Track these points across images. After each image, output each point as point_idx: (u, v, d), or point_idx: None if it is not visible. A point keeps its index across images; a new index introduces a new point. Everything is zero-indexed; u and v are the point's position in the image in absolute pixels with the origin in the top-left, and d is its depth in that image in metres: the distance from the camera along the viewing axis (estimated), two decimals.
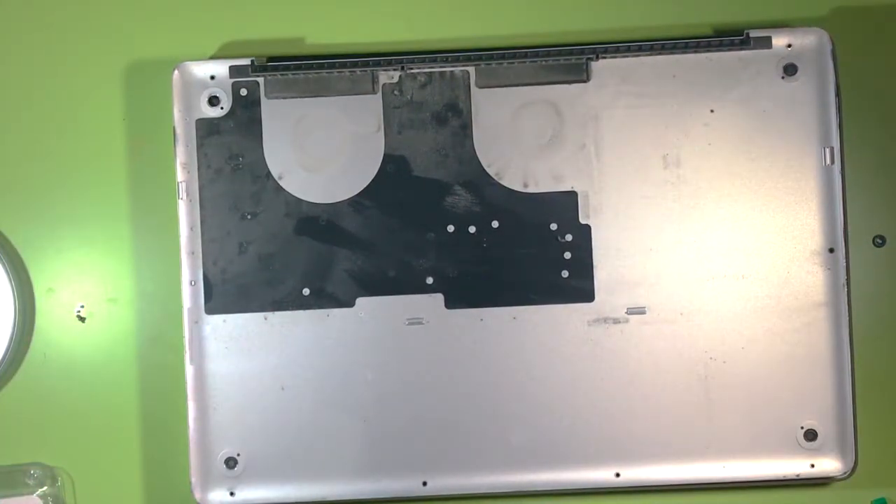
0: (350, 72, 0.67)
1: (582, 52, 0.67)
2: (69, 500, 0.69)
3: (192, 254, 0.67)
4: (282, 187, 0.67)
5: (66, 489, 0.69)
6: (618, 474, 0.66)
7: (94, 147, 0.70)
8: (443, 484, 0.67)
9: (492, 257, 0.67)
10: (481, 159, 0.67)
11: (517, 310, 0.67)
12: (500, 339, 0.67)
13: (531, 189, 0.67)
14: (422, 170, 0.67)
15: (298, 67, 0.67)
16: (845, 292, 0.66)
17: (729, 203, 0.66)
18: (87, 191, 0.70)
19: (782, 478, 0.66)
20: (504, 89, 0.67)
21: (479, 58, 0.67)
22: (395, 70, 0.67)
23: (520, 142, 0.67)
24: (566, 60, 0.67)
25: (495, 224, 0.67)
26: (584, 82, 0.67)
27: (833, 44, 0.66)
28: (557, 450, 0.66)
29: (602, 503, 0.69)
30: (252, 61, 0.67)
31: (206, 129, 0.67)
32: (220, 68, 0.67)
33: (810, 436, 0.66)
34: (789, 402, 0.66)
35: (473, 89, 0.67)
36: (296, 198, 0.67)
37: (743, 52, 0.66)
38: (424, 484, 0.67)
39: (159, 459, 0.69)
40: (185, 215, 0.67)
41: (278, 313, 0.67)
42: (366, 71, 0.67)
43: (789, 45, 0.66)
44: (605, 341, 0.66)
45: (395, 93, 0.67)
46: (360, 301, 0.67)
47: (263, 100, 0.67)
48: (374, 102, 0.67)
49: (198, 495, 0.67)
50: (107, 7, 0.70)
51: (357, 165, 0.67)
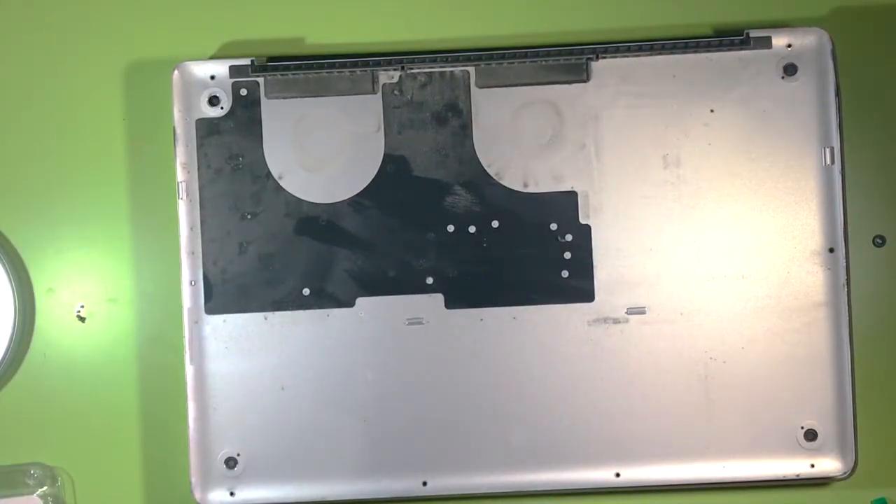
0: (350, 72, 0.67)
1: (582, 52, 0.67)
2: (69, 500, 0.69)
3: (192, 254, 0.67)
4: (282, 187, 0.67)
5: (66, 489, 0.69)
6: (618, 474, 0.66)
7: (94, 147, 0.70)
8: (443, 484, 0.67)
9: (492, 257, 0.67)
10: (481, 159, 0.67)
11: (517, 310, 0.67)
12: (500, 339, 0.67)
13: (531, 189, 0.67)
14: (422, 170, 0.67)
15: (298, 67, 0.67)
16: (845, 292, 0.66)
17: (729, 203, 0.66)
18: (87, 191, 0.70)
19: (782, 478, 0.66)
20: (504, 89, 0.67)
21: (479, 58, 0.67)
22: (395, 70, 0.67)
23: (520, 142, 0.67)
24: (566, 60, 0.67)
25: (495, 224, 0.67)
26: (584, 82, 0.67)
27: (833, 44, 0.66)
28: (557, 450, 0.66)
29: (602, 503, 0.69)
30: (252, 61, 0.67)
31: (206, 129, 0.67)
32: (220, 68, 0.67)
33: (810, 436, 0.66)
34: (789, 402, 0.66)
35: (473, 89, 0.67)
36: (296, 198, 0.67)
37: (743, 52, 0.66)
38: (424, 484, 0.66)
39: (159, 459, 0.69)
40: (185, 215, 0.67)
41: (278, 313, 0.67)
42: (366, 71, 0.67)
43: (789, 45, 0.66)
44: (605, 341, 0.66)
45: (395, 93, 0.67)
46: (360, 301, 0.67)
47: (263, 100, 0.67)
48: (374, 102, 0.67)
49: (198, 495, 0.67)
50: (107, 7, 0.70)
51: (357, 165, 0.67)
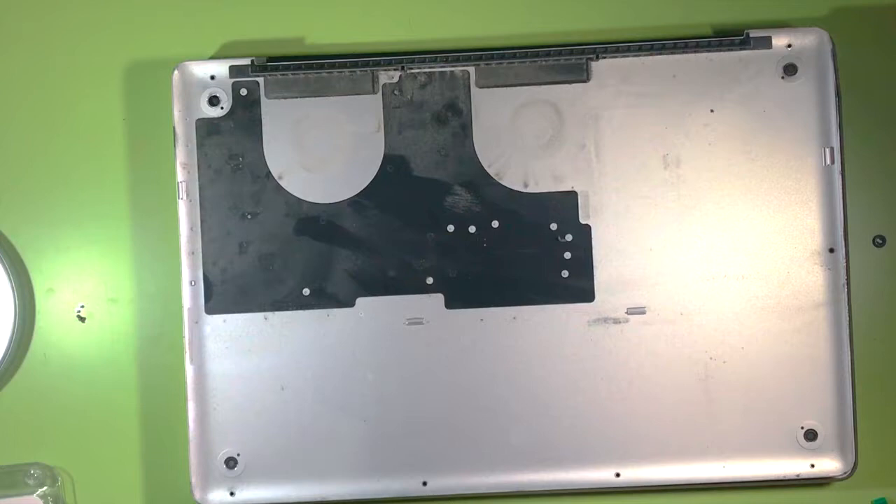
0: (350, 72, 0.67)
1: (582, 52, 0.67)
2: (69, 500, 0.69)
3: (192, 254, 0.67)
4: (282, 187, 0.67)
5: (66, 489, 0.69)
6: (618, 474, 0.66)
7: (94, 147, 0.70)
8: (443, 484, 0.66)
9: (492, 257, 0.67)
10: (481, 159, 0.67)
11: (517, 310, 0.67)
12: (500, 339, 0.67)
13: (531, 189, 0.67)
14: (422, 170, 0.67)
15: (298, 67, 0.67)
16: (845, 292, 0.66)
17: (729, 203, 0.66)
18: (87, 191, 0.70)
19: (782, 478, 0.66)
20: (504, 89, 0.67)
21: (479, 58, 0.67)
22: (395, 70, 0.67)
23: (520, 142, 0.67)
24: (566, 60, 0.67)
25: (495, 224, 0.67)
26: (584, 82, 0.67)
27: (833, 44, 0.66)
28: (557, 450, 0.66)
29: (602, 503, 0.69)
30: (252, 61, 0.67)
31: (206, 129, 0.67)
32: (220, 68, 0.67)
33: (810, 436, 0.66)
34: (789, 402, 0.66)
35: (473, 89, 0.67)
36: (296, 198, 0.67)
37: (743, 52, 0.66)
38: (424, 484, 0.66)
39: (159, 459, 0.69)
40: (185, 215, 0.67)
41: (278, 313, 0.67)
42: (366, 71, 0.67)
43: (789, 45, 0.66)
44: (605, 341, 0.66)
45: (395, 93, 0.67)
46: (360, 301, 0.67)
47: (263, 100, 0.67)
48: (374, 102, 0.67)
49: (198, 495, 0.67)
50: (107, 7, 0.70)
51: (357, 165, 0.67)
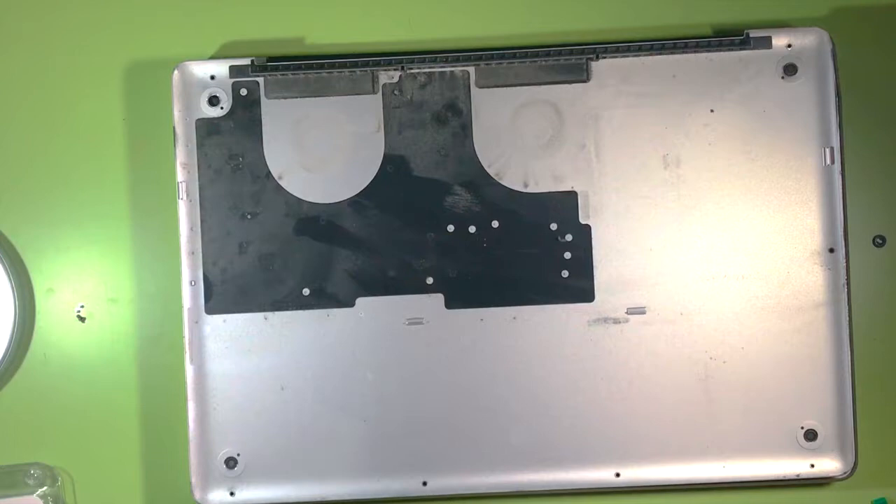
0: (350, 72, 0.67)
1: (582, 52, 0.67)
2: (69, 500, 0.69)
3: (192, 254, 0.67)
4: (282, 187, 0.67)
5: (66, 489, 0.69)
6: (618, 474, 0.66)
7: (94, 147, 0.70)
8: (443, 484, 0.66)
9: (492, 257, 0.67)
10: (481, 159, 0.67)
11: (517, 310, 0.67)
12: (500, 339, 0.67)
13: (531, 189, 0.67)
14: (422, 170, 0.67)
15: (298, 67, 0.67)
16: (845, 292, 0.66)
17: (729, 203, 0.66)
18: (87, 191, 0.70)
19: (782, 478, 0.66)
20: (504, 89, 0.67)
21: (479, 58, 0.67)
22: (395, 70, 0.67)
23: (520, 142, 0.67)
24: (566, 60, 0.67)
25: (495, 224, 0.67)
26: (584, 82, 0.67)
27: (833, 44, 0.66)
28: (557, 450, 0.66)
29: (602, 503, 0.69)
30: (252, 61, 0.67)
31: (206, 129, 0.67)
32: (220, 68, 0.67)
33: (810, 436, 0.66)
34: (789, 402, 0.66)
35: (473, 89, 0.67)
36: (296, 198, 0.67)
37: (743, 52, 0.66)
38: (424, 484, 0.66)
39: (159, 459, 0.69)
40: (185, 215, 0.67)
41: (278, 313, 0.67)
42: (366, 71, 0.67)
43: (789, 45, 0.66)
44: (605, 341, 0.66)
45: (395, 93, 0.67)
46: (360, 301, 0.67)
47: (263, 100, 0.67)
48: (374, 102, 0.67)
49: (198, 495, 0.67)
50: (107, 7, 0.70)
51: (357, 165, 0.67)
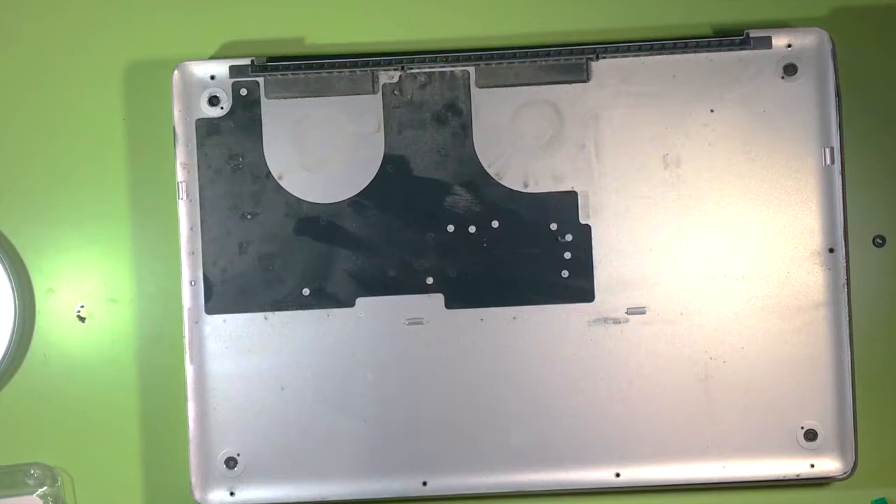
0: (350, 72, 0.67)
1: (582, 52, 0.67)
2: (69, 500, 0.69)
3: (192, 254, 0.67)
4: (282, 187, 0.67)
5: (66, 489, 0.69)
6: (618, 474, 0.66)
7: (94, 147, 0.70)
8: (443, 484, 0.66)
9: (492, 257, 0.67)
10: (481, 159, 0.67)
11: (517, 310, 0.67)
12: (500, 339, 0.67)
13: (531, 189, 0.67)
14: (422, 170, 0.67)
15: (298, 67, 0.67)
16: (845, 292, 0.66)
17: (729, 203, 0.66)
18: (87, 191, 0.70)
19: (782, 478, 0.66)
20: (504, 89, 0.67)
21: (479, 58, 0.67)
22: (395, 70, 0.67)
23: (520, 142, 0.67)
24: (566, 60, 0.67)
25: (495, 224, 0.67)
26: (584, 82, 0.67)
27: (833, 44, 0.66)
28: (557, 450, 0.66)
29: (602, 503, 0.69)
30: (252, 61, 0.67)
31: (206, 129, 0.67)
32: (220, 68, 0.67)
33: (810, 436, 0.66)
34: (789, 402, 0.66)
35: (473, 89, 0.67)
36: (296, 198, 0.67)
37: (743, 52, 0.66)
38: (424, 484, 0.66)
39: (159, 459, 0.69)
40: (185, 215, 0.67)
41: (278, 313, 0.67)
42: (366, 71, 0.67)
43: (789, 45, 0.66)
44: (605, 341, 0.66)
45: (395, 93, 0.67)
46: (360, 301, 0.67)
47: (263, 100, 0.67)
48: (374, 102, 0.67)
49: (198, 495, 0.67)
50: (107, 7, 0.70)
51: (357, 165, 0.67)
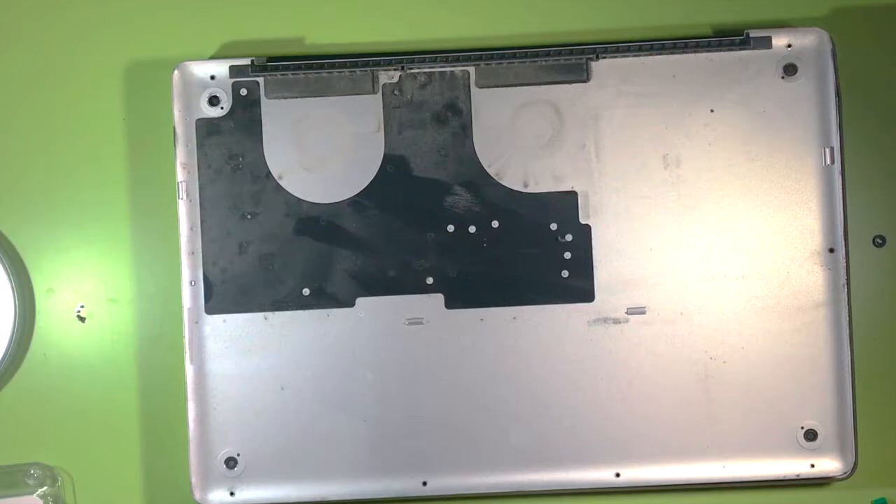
0: (350, 72, 0.67)
1: (582, 52, 0.67)
2: (69, 500, 0.69)
3: (192, 254, 0.67)
4: (282, 187, 0.67)
5: (66, 489, 0.69)
6: (618, 474, 0.66)
7: (94, 147, 0.70)
8: (443, 484, 0.66)
9: (492, 257, 0.67)
10: (481, 159, 0.67)
11: (517, 310, 0.67)
12: (500, 339, 0.67)
13: (531, 189, 0.67)
14: (422, 170, 0.67)
15: (298, 67, 0.67)
16: (845, 292, 0.66)
17: (729, 203, 0.66)
18: (87, 191, 0.70)
19: (782, 478, 0.66)
20: (504, 89, 0.67)
21: (479, 58, 0.67)
22: (395, 70, 0.67)
23: (520, 142, 0.67)
24: (566, 60, 0.67)
25: (495, 224, 0.67)
26: (584, 82, 0.67)
27: (833, 44, 0.66)
28: (557, 450, 0.66)
29: (602, 503, 0.69)
30: (252, 61, 0.67)
31: (206, 129, 0.67)
32: (220, 68, 0.67)
33: (810, 436, 0.66)
34: (789, 402, 0.66)
35: (473, 89, 0.67)
36: (296, 198, 0.67)
37: (743, 52, 0.66)
38: (424, 484, 0.66)
39: (159, 459, 0.69)
40: (185, 215, 0.67)
41: (278, 313, 0.67)
42: (366, 71, 0.67)
43: (789, 45, 0.66)
44: (605, 341, 0.66)
45: (395, 93, 0.67)
46: (360, 301, 0.67)
47: (263, 100, 0.67)
48: (374, 102, 0.67)
49: (198, 495, 0.67)
50: (107, 7, 0.70)
51: (357, 165, 0.67)
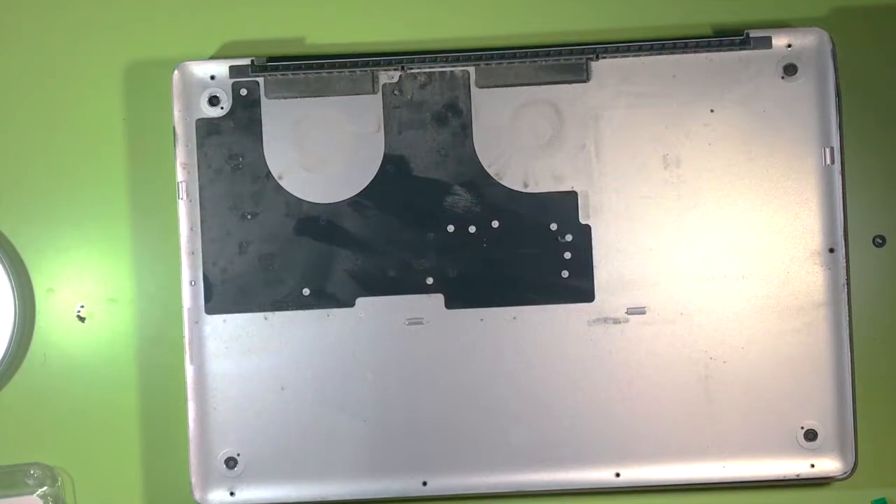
0: (350, 72, 0.67)
1: (582, 52, 0.67)
2: (69, 500, 0.69)
3: (192, 254, 0.67)
4: (282, 187, 0.67)
5: (66, 489, 0.69)
6: (618, 474, 0.66)
7: (94, 147, 0.70)
8: (443, 484, 0.66)
9: (492, 257, 0.67)
10: (481, 159, 0.67)
11: (517, 310, 0.67)
12: (500, 339, 0.67)
13: (531, 189, 0.67)
14: (422, 170, 0.67)
15: (298, 67, 0.67)
16: (845, 292, 0.66)
17: (729, 203, 0.66)
18: (87, 191, 0.70)
19: (782, 478, 0.66)
20: (504, 89, 0.67)
21: (479, 58, 0.67)
22: (395, 70, 0.67)
23: (520, 142, 0.67)
24: (566, 60, 0.67)
25: (495, 224, 0.67)
26: (584, 82, 0.67)
27: (833, 44, 0.66)
28: (557, 450, 0.66)
29: (602, 503, 0.69)
30: (252, 61, 0.67)
31: (206, 129, 0.67)
32: (220, 68, 0.67)
33: (810, 436, 0.66)
34: (789, 402, 0.66)
35: (473, 89, 0.67)
36: (296, 198, 0.67)
37: (743, 52, 0.66)
38: (424, 484, 0.66)
39: (159, 459, 0.69)
40: (185, 215, 0.67)
41: (278, 313, 0.67)
42: (366, 71, 0.67)
43: (789, 45, 0.66)
44: (605, 341, 0.66)
45: (395, 93, 0.67)
46: (360, 301, 0.67)
47: (263, 100, 0.67)
48: (374, 102, 0.67)
49: (198, 495, 0.67)
50: (107, 7, 0.70)
51: (357, 165, 0.67)
